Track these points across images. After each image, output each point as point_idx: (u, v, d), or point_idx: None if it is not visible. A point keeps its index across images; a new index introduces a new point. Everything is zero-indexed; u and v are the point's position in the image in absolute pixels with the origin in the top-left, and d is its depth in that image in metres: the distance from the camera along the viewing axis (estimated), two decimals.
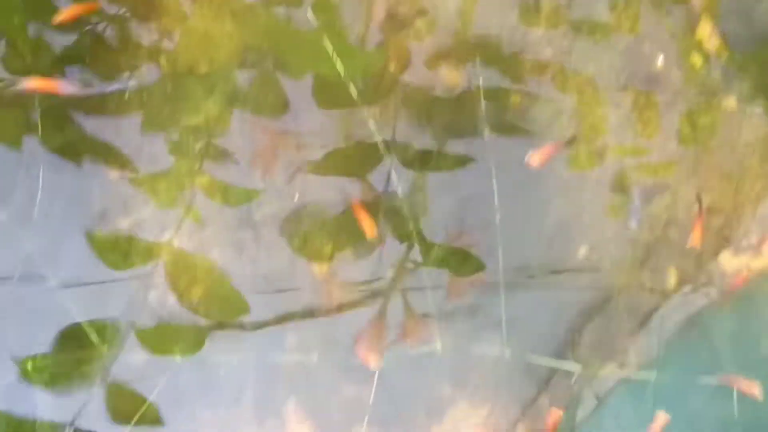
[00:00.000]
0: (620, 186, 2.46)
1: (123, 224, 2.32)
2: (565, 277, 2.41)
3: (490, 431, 2.32)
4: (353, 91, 2.37)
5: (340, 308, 2.32)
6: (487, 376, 2.33)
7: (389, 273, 2.34)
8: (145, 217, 2.33)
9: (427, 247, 2.37)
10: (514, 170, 2.44)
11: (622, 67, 2.49)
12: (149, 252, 2.31)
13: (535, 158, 2.35)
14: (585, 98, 2.47)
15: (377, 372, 2.26)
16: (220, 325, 2.28)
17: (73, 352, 2.23)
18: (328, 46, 2.38)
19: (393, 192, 2.41)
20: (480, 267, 2.38)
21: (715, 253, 2.44)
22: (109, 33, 2.42)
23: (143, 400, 2.20)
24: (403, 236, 2.36)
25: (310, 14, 2.40)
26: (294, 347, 2.30)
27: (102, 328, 2.24)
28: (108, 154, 2.33)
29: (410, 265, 2.36)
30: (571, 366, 2.30)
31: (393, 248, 2.38)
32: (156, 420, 2.20)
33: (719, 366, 2.35)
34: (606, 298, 2.40)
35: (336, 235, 2.37)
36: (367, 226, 2.32)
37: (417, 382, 2.30)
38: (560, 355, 2.35)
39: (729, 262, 2.42)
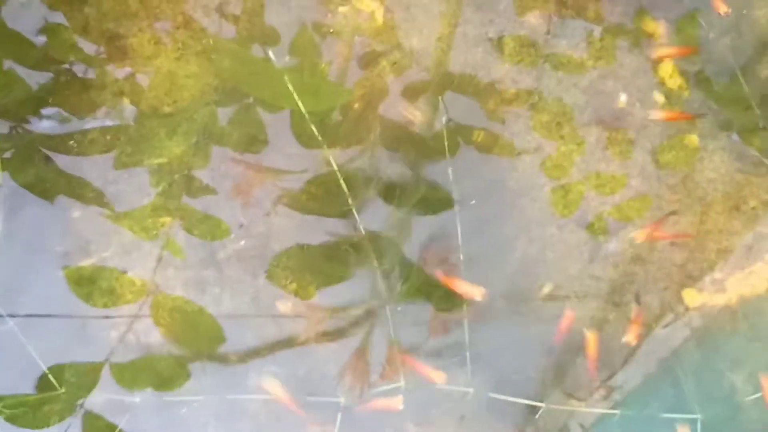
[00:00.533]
0: (590, 226, 2.47)
1: (90, 261, 2.31)
2: (531, 314, 2.41)
3: None
4: (314, 129, 2.39)
5: (324, 337, 2.31)
6: (453, 412, 2.32)
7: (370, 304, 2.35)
8: (119, 254, 2.34)
9: (408, 273, 2.37)
10: (478, 208, 2.44)
11: (586, 105, 2.51)
12: (134, 288, 2.31)
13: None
14: (552, 135, 2.49)
15: (341, 409, 2.25)
16: (204, 357, 2.27)
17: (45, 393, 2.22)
18: (290, 84, 2.41)
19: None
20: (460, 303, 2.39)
21: (679, 290, 2.44)
22: (84, 73, 2.43)
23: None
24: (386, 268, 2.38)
25: (271, 53, 2.43)
26: (256, 385, 2.28)
27: (77, 368, 2.23)
28: (82, 191, 2.33)
29: (392, 296, 2.36)
30: (536, 402, 2.29)
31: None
32: None
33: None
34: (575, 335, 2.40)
35: (320, 271, 2.37)
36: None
37: (381, 418, 2.28)
38: (527, 391, 2.34)
39: (693, 298, 2.42)
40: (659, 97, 2.53)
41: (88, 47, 2.43)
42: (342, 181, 2.35)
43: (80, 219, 2.33)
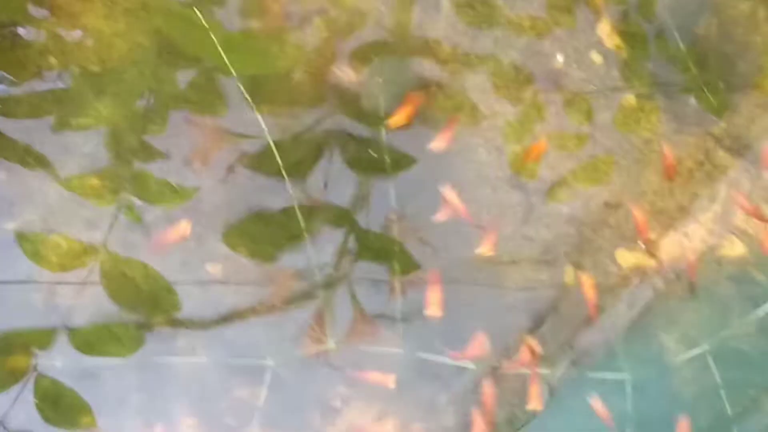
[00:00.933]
0: (518, 183, 2.45)
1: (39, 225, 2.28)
2: (465, 274, 2.39)
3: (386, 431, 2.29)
4: (243, 90, 2.35)
5: (287, 303, 2.29)
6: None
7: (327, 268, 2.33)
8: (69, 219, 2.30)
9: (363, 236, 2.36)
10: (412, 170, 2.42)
11: (523, 65, 2.48)
12: (84, 253, 2.28)
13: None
14: (487, 97, 2.46)
15: (269, 372, 2.23)
16: (163, 323, 2.25)
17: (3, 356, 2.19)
18: (215, 40, 2.36)
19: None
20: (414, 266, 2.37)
21: (612, 250, 2.43)
22: (26, 35, 2.38)
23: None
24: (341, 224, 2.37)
25: (196, 11, 2.38)
26: (183, 349, 2.26)
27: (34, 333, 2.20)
28: (26, 156, 2.29)
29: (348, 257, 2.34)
30: (468, 363, 2.28)
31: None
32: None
33: None
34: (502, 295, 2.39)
35: (276, 235, 2.34)
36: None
37: (310, 381, 2.27)
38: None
39: (626, 259, 2.42)
40: (597, 57, 2.49)
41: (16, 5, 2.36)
42: (274, 148, 2.31)
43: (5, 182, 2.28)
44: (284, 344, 2.28)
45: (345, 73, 2.44)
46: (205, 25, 2.39)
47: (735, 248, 2.42)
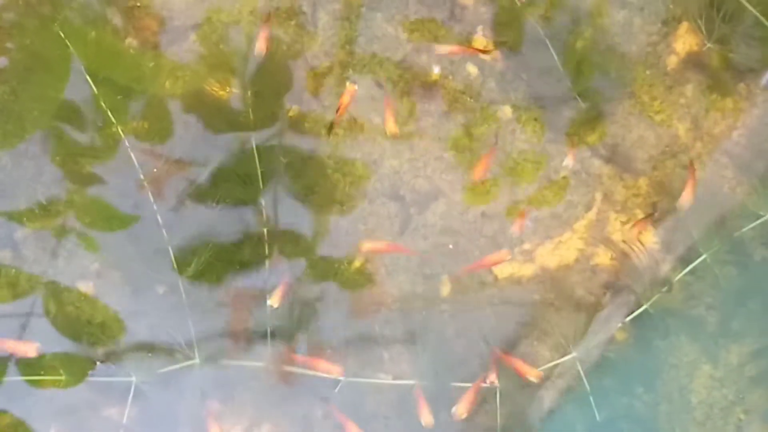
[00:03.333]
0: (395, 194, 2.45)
1: None
2: (342, 285, 2.39)
3: None
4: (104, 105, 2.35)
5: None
6: (251, 388, 2.29)
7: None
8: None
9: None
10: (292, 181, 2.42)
11: (399, 78, 2.49)
12: (29, 283, 2.27)
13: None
14: (366, 109, 2.47)
15: (132, 389, 2.22)
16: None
17: None
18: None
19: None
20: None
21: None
22: None
23: None
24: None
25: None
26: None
27: None
28: None
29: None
30: (335, 371, 2.28)
31: None
32: None
33: None
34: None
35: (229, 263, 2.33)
36: None
37: (178, 397, 2.25)
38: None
39: (501, 269, 2.42)
40: (472, 69, 2.50)
41: None
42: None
43: None
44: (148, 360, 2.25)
45: (218, 90, 2.43)
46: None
47: (608, 257, 2.42)
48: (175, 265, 2.28)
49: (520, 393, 2.30)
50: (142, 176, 2.31)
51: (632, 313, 2.37)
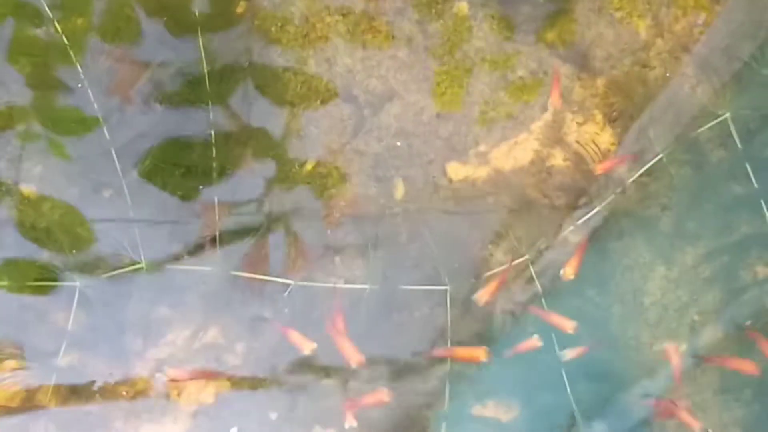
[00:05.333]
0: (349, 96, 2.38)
1: None
2: (294, 189, 2.33)
3: (213, 352, 2.25)
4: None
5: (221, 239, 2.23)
6: (202, 294, 2.26)
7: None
8: None
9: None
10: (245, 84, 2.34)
11: None
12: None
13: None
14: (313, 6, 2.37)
15: (76, 295, 2.18)
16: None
17: None
18: None
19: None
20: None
21: (443, 163, 2.37)
22: None
23: None
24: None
25: None
26: None
27: None
28: None
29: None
30: (286, 280, 2.24)
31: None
32: None
33: None
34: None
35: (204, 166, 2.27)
36: None
37: (124, 303, 2.22)
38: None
39: (457, 171, 2.37)
40: None
41: None
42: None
43: None
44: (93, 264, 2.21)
45: None
46: None
47: (563, 158, 2.37)
48: (118, 168, 2.20)
49: (471, 295, 2.27)
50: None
51: (586, 214, 2.32)
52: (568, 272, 2.19)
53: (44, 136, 2.22)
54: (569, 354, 2.20)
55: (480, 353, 2.18)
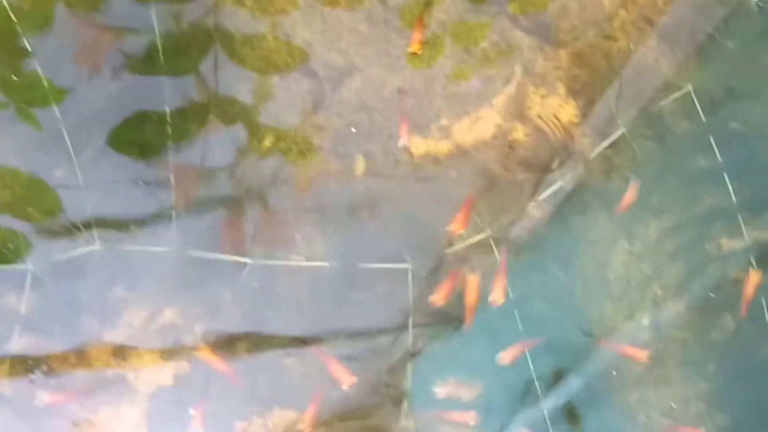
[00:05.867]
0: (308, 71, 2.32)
1: None
2: (250, 168, 2.28)
3: (171, 333, 2.20)
4: None
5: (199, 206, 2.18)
6: (158, 274, 2.20)
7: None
8: None
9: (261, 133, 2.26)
10: None
11: None
12: None
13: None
14: None
15: (29, 277, 2.12)
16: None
17: None
18: None
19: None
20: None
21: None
22: None
23: None
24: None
25: None
26: None
27: None
28: None
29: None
30: (243, 259, 2.19)
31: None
32: None
33: None
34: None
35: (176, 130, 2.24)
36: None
37: (78, 284, 2.16)
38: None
39: (418, 146, 2.32)
40: None
41: None
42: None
43: None
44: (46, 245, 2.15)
45: None
46: None
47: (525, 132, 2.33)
48: (70, 146, 2.14)
49: (432, 272, 2.24)
50: None
51: (548, 189, 2.28)
52: (497, 297, 2.15)
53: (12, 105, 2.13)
54: (504, 358, 2.17)
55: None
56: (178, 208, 2.20)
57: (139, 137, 2.23)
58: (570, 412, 2.22)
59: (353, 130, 2.29)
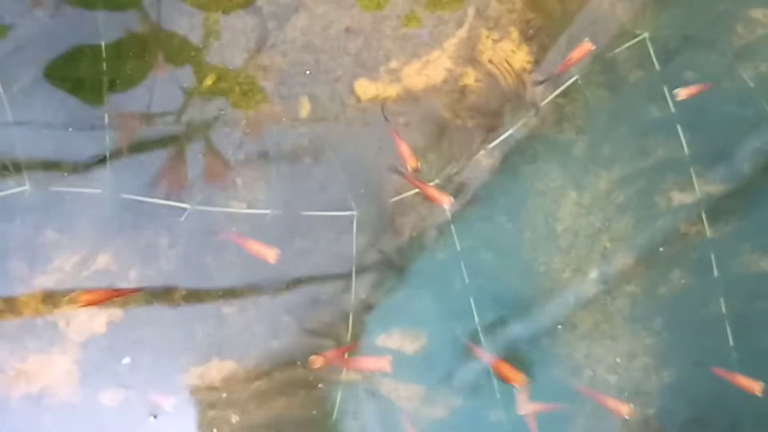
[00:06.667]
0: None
1: None
2: (191, 108, 2.17)
3: (105, 279, 2.11)
4: None
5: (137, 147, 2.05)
6: (92, 217, 2.10)
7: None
8: None
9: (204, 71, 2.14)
10: None
11: None
12: None
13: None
14: None
15: None
16: None
17: None
18: None
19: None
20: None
21: (352, 81, 2.22)
22: None
23: None
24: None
25: None
26: None
27: None
28: None
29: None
30: (181, 204, 2.09)
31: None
32: None
33: None
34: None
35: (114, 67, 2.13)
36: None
37: (8, 226, 2.05)
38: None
39: (366, 89, 2.22)
40: None
41: None
42: None
43: None
44: None
45: None
46: None
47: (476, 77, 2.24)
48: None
49: (378, 221, 2.16)
50: None
51: (498, 137, 2.21)
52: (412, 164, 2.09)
53: None
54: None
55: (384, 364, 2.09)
56: (121, 149, 2.08)
57: (75, 72, 2.10)
58: (514, 364, 2.18)
59: (308, 72, 2.19)
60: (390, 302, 2.16)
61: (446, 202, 2.09)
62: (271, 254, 2.03)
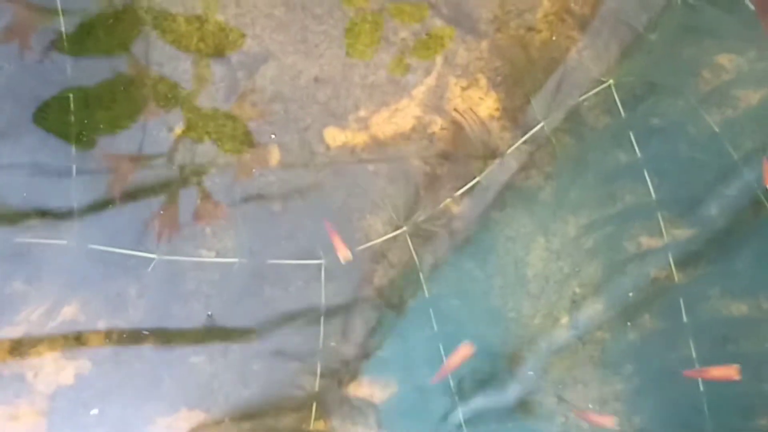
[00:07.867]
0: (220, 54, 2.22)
1: None
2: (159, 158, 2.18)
3: (70, 331, 2.10)
4: None
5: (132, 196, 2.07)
6: (59, 268, 2.09)
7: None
8: None
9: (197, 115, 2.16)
10: None
11: None
12: None
13: None
14: None
15: None
16: None
17: None
18: None
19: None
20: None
21: (321, 129, 2.24)
22: None
23: None
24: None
25: None
26: None
27: None
28: None
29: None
30: (149, 254, 2.09)
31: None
32: None
33: None
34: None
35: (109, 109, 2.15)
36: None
37: None
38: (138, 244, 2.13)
39: (335, 137, 2.23)
40: None
41: None
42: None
43: None
44: None
45: None
46: None
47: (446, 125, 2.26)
48: None
49: (347, 269, 2.16)
50: None
51: (466, 184, 2.22)
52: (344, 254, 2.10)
53: None
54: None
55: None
56: (113, 198, 2.09)
57: (47, 122, 2.11)
58: (487, 415, 2.17)
59: (276, 121, 2.20)
60: (358, 350, 2.16)
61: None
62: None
